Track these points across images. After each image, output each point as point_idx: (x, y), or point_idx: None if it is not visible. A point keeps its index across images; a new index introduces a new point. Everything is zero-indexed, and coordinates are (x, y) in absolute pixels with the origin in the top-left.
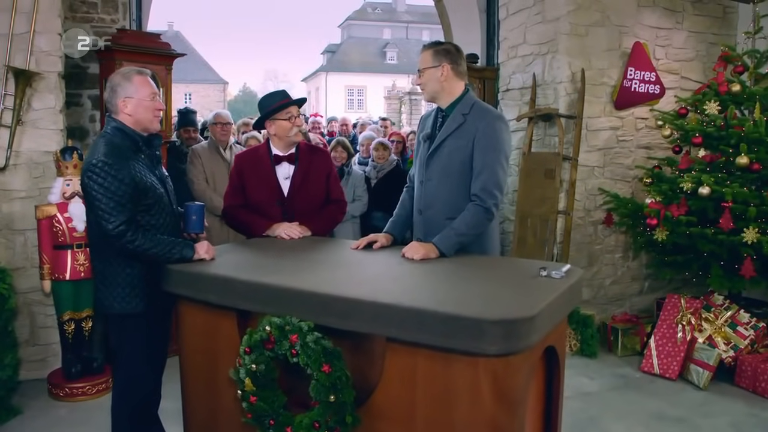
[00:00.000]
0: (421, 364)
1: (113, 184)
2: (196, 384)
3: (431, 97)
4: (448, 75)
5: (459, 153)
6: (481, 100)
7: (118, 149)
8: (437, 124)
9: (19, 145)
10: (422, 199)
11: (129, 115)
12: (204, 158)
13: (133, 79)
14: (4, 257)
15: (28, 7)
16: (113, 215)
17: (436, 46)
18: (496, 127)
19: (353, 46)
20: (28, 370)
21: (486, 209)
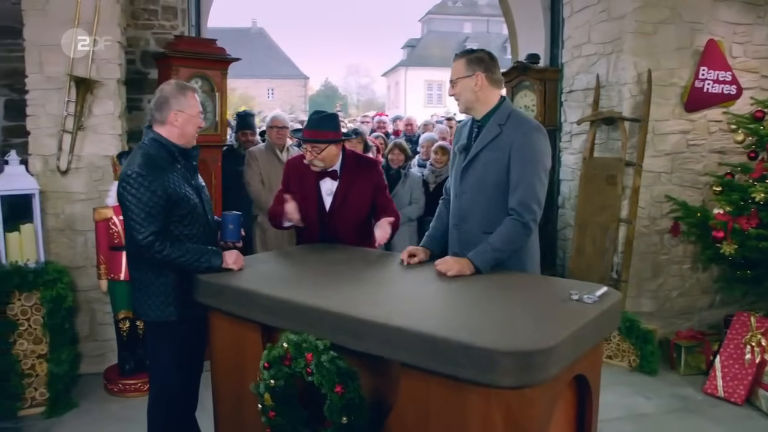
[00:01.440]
0: (434, 391)
1: (145, 195)
2: (225, 392)
3: (466, 108)
4: (483, 84)
5: (494, 165)
6: (518, 109)
7: (153, 161)
8: (473, 135)
9: (80, 150)
10: (457, 213)
11: (177, 128)
12: (261, 161)
13: (188, 94)
14: (66, 256)
15: (89, 17)
16: (143, 226)
17: (469, 54)
18: (534, 138)
19: (433, 40)
20: (87, 364)
21: (524, 224)
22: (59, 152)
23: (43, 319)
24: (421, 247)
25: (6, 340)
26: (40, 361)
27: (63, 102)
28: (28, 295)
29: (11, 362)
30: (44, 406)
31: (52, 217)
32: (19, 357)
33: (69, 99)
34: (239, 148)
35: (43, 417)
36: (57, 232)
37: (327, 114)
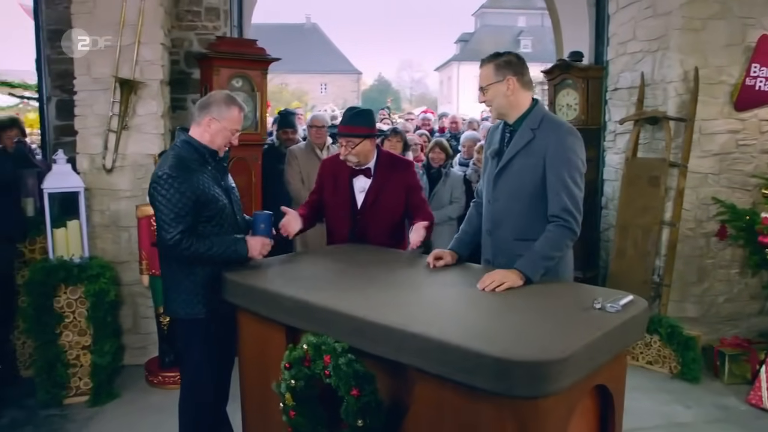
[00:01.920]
0: (448, 397)
1: (175, 196)
2: (251, 389)
3: (499, 114)
4: (515, 88)
5: (530, 172)
6: (551, 113)
7: (184, 162)
8: (505, 140)
9: (124, 149)
10: (490, 219)
11: (208, 133)
12: (301, 159)
13: (231, 108)
14: (111, 251)
15: (133, 20)
16: (171, 225)
17: (497, 58)
18: (569, 142)
19: (487, 34)
20: (130, 356)
21: (571, 230)
22: (105, 151)
23: (87, 312)
24: (449, 251)
25: (52, 331)
26: (85, 352)
27: (109, 102)
28: (74, 288)
29: (57, 352)
30: (88, 395)
31: (98, 213)
32: (64, 348)
33: (114, 99)
34: (280, 146)
35: (86, 405)
36: (103, 228)
37: (361, 110)
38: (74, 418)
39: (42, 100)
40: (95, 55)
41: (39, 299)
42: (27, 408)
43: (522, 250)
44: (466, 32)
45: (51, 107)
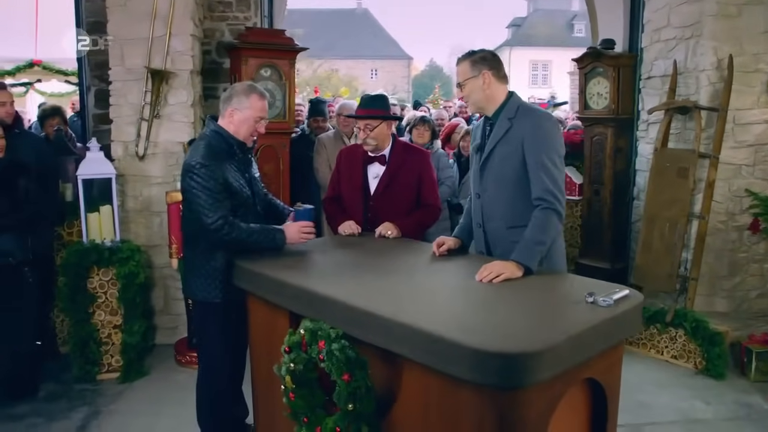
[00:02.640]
0: (434, 386)
1: (210, 182)
2: (260, 370)
3: (477, 109)
4: (491, 81)
5: (510, 159)
6: (527, 102)
7: (214, 151)
8: (486, 134)
9: (156, 136)
10: (480, 212)
11: (232, 124)
12: (329, 147)
13: (250, 96)
14: (143, 235)
15: (165, 12)
16: (212, 211)
17: (472, 55)
18: (544, 126)
19: (539, 18)
20: (161, 336)
21: (555, 211)
22: (138, 139)
23: (118, 293)
24: (452, 237)
25: (86, 310)
26: (116, 331)
27: (142, 92)
28: (105, 270)
29: (90, 331)
30: (119, 372)
31: (132, 199)
32: (97, 326)
33: (146, 89)
34: (311, 134)
35: (117, 382)
36: (136, 212)
37: (378, 94)
38: (105, 393)
39: (82, 89)
40: (129, 47)
41: (74, 280)
42: (63, 382)
43: (516, 237)
44: (518, 16)
45: (90, 96)
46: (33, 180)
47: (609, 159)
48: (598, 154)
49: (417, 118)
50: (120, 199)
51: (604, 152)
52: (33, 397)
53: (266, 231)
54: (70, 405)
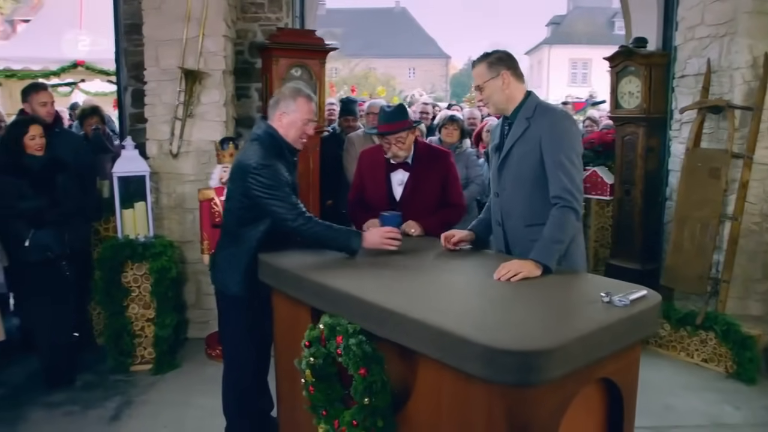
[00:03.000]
0: (447, 381)
1: (275, 181)
2: (283, 363)
3: (498, 110)
4: (509, 81)
5: (528, 158)
6: (545, 101)
7: (270, 152)
8: (504, 134)
9: (189, 135)
10: (499, 211)
11: (282, 128)
12: (358, 146)
13: (297, 99)
14: (177, 231)
15: (198, 14)
16: (286, 208)
17: (488, 57)
18: (562, 125)
19: (579, 16)
20: (193, 330)
21: (573, 209)
22: (171, 137)
23: (151, 287)
24: (466, 231)
25: (120, 303)
26: (149, 324)
27: (175, 92)
28: (139, 265)
29: (124, 323)
30: (151, 364)
31: (166, 195)
32: (131, 319)
33: (180, 89)
34: (341, 133)
35: (150, 373)
36: (169, 209)
37: (396, 105)
38: (138, 384)
39: (120, 89)
40: (163, 48)
41: (109, 274)
42: (99, 372)
43: (534, 235)
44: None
45: (127, 96)
46: (71, 177)
47: (640, 159)
48: (629, 154)
49: (446, 118)
50: (154, 196)
51: (635, 152)
52: (70, 387)
53: (344, 231)
54: (104, 394)
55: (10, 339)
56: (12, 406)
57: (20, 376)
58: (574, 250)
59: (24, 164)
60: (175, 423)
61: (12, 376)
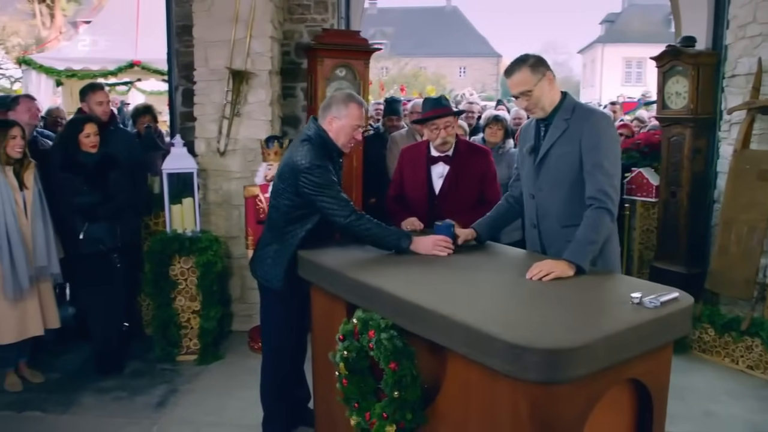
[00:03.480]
0: (475, 377)
1: (327, 180)
2: (320, 356)
3: (544, 113)
4: (552, 82)
5: (567, 159)
6: (581, 102)
7: (321, 152)
8: (540, 135)
9: (236, 134)
10: (534, 212)
11: (332, 132)
12: (401, 145)
13: (349, 105)
14: (223, 227)
15: (246, 16)
16: (340, 207)
17: (526, 61)
18: (602, 126)
19: (635, 14)
20: (238, 323)
21: (608, 210)
22: (219, 136)
23: (197, 281)
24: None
25: (168, 295)
26: (194, 316)
27: (223, 91)
28: (186, 258)
29: (171, 315)
30: (196, 355)
31: (213, 192)
32: (177, 311)
33: (228, 89)
34: (385, 132)
35: (194, 363)
36: (216, 205)
37: (440, 95)
38: (183, 373)
39: (171, 88)
40: (212, 49)
41: (157, 267)
42: (147, 361)
43: (571, 236)
44: (612, 12)
45: (178, 95)
46: (123, 173)
47: (687, 160)
48: (676, 155)
49: (490, 117)
50: (202, 192)
51: (681, 153)
52: (119, 374)
53: (395, 230)
54: (151, 382)
55: (66, 327)
56: (66, 390)
57: (74, 363)
58: (609, 252)
59: (80, 161)
60: (217, 411)
61: (67, 362)
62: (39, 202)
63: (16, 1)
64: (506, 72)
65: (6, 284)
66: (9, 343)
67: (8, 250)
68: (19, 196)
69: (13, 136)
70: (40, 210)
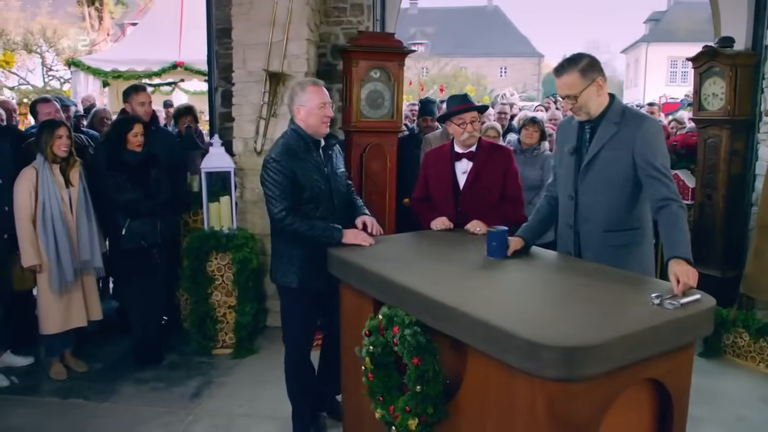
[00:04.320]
0: (494, 373)
1: (279, 176)
2: (348, 351)
3: (590, 117)
4: (602, 86)
5: (617, 164)
6: (629, 106)
7: (289, 149)
8: (585, 137)
9: (272, 134)
10: (575, 214)
11: (302, 120)
12: (434, 146)
13: (306, 89)
14: (259, 225)
15: (283, 20)
16: (278, 202)
17: (577, 64)
18: (655, 132)
19: (681, 12)
20: (273, 318)
21: (684, 207)
22: (256, 135)
23: (233, 277)
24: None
25: (205, 291)
26: (230, 311)
27: (260, 93)
28: (222, 255)
29: (208, 309)
30: (231, 349)
31: (250, 191)
32: (214, 306)
33: (265, 90)
34: (419, 133)
35: (229, 357)
36: (252, 204)
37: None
38: (218, 366)
39: (210, 89)
40: (250, 51)
41: (195, 263)
42: (184, 354)
43: (612, 240)
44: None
45: (218, 96)
46: (164, 172)
47: (723, 162)
48: (712, 158)
49: (527, 119)
50: (239, 190)
51: (717, 155)
52: (157, 365)
53: (326, 228)
54: (188, 374)
55: (109, 320)
56: (107, 379)
57: (116, 354)
58: (643, 254)
59: (124, 159)
60: (250, 403)
61: (109, 353)
62: (84, 198)
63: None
64: (555, 70)
65: (52, 277)
66: (54, 333)
67: (54, 245)
68: (65, 192)
69: (60, 135)
70: (84, 206)
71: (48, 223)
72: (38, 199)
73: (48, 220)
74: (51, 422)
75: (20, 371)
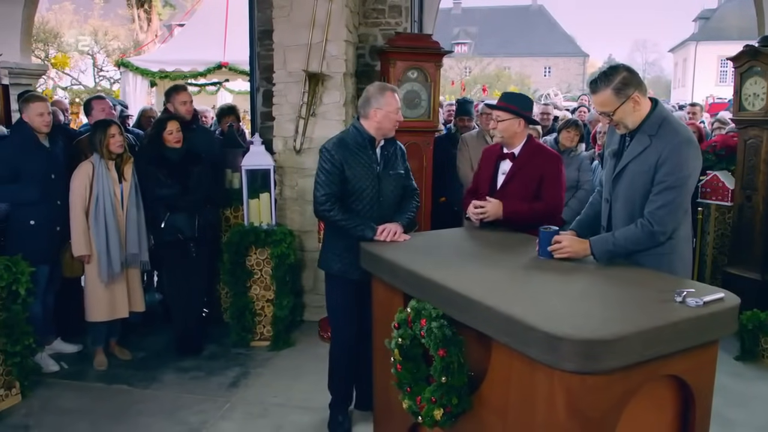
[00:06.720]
0: (516, 366)
1: (327, 164)
2: (379, 342)
3: (628, 130)
4: (639, 100)
5: (641, 179)
6: (672, 117)
7: (344, 142)
8: (625, 143)
9: (311, 133)
10: (606, 218)
11: (376, 122)
12: (471, 145)
13: (386, 94)
14: (297, 221)
15: (322, 21)
16: (322, 187)
17: (611, 81)
18: (682, 151)
19: (732, 10)
20: (309, 313)
21: (651, 233)
22: (296, 134)
23: (271, 271)
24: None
25: (244, 284)
26: (268, 304)
27: (300, 93)
28: (261, 250)
29: (247, 303)
30: (269, 341)
31: (288, 188)
32: (252, 299)
33: (304, 90)
34: (456, 132)
35: (267, 349)
36: (292, 200)
37: (521, 94)
38: (255, 358)
39: (252, 90)
40: (290, 52)
41: (235, 257)
42: (223, 345)
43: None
44: (707, 8)
45: (259, 96)
46: (204, 168)
47: (764, 164)
48: (752, 159)
49: (568, 121)
50: (278, 188)
51: (758, 156)
52: (198, 355)
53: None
54: (226, 364)
55: (153, 311)
56: (149, 368)
57: (159, 344)
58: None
59: (165, 156)
60: (285, 394)
61: (152, 343)
62: (135, 193)
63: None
64: (590, 86)
65: (101, 267)
66: (100, 321)
67: (105, 237)
68: (117, 188)
69: (113, 134)
70: (135, 201)
71: (100, 216)
72: (92, 193)
73: (100, 213)
74: (97, 405)
75: (69, 357)
